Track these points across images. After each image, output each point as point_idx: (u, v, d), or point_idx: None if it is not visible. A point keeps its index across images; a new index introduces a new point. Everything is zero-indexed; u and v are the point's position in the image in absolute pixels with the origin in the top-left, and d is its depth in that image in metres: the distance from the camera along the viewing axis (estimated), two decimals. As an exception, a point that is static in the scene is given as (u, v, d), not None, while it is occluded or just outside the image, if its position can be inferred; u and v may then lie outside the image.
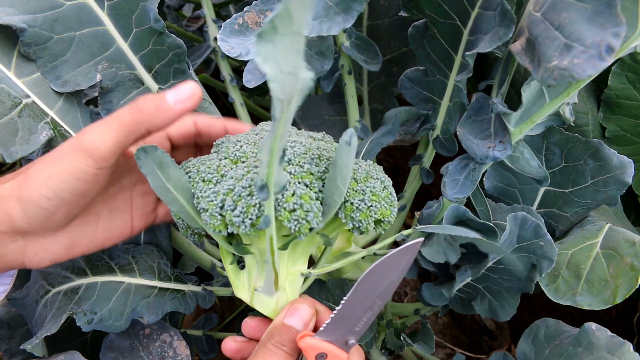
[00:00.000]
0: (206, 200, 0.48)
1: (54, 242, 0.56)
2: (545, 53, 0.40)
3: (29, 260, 0.55)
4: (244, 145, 0.54)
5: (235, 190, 0.47)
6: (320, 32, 0.54)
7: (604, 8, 0.36)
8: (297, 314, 0.52)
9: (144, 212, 0.62)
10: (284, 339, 0.51)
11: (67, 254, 0.58)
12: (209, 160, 0.54)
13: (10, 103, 0.60)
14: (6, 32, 0.62)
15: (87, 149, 0.50)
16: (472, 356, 0.98)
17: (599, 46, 0.35)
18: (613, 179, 0.65)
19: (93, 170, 0.50)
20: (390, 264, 0.49)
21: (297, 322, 0.52)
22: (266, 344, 0.51)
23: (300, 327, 0.51)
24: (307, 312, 0.53)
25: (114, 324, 0.62)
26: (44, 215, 0.52)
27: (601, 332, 0.57)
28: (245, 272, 0.55)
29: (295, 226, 0.47)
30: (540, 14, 0.42)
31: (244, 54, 0.72)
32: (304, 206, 0.47)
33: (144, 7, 0.68)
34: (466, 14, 0.53)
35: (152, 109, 0.50)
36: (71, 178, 0.50)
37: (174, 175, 0.48)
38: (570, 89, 0.49)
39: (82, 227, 0.58)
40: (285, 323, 0.52)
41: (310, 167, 0.50)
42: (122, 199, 0.61)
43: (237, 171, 0.50)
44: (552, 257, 0.56)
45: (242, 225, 0.47)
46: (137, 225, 0.62)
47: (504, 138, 0.53)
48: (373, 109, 0.84)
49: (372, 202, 0.52)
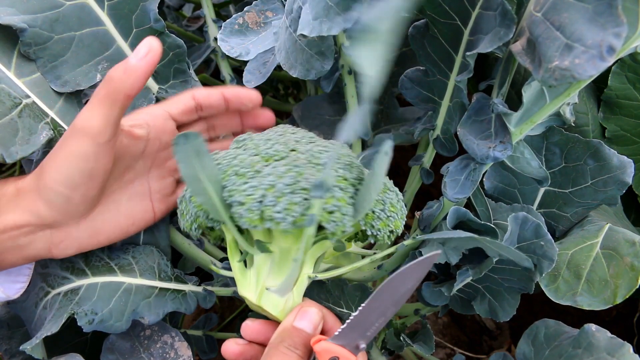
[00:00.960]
0: (243, 194, 0.49)
1: (77, 229, 0.59)
2: (546, 53, 0.40)
3: (55, 248, 0.59)
4: (275, 144, 0.55)
5: (277, 187, 0.48)
6: (320, 32, 0.54)
7: (604, 8, 0.36)
8: (308, 317, 0.52)
9: (162, 195, 0.65)
10: (296, 342, 0.51)
11: (92, 242, 0.61)
12: (238, 155, 0.54)
13: (11, 103, 0.60)
14: (6, 32, 0.62)
15: (80, 129, 0.53)
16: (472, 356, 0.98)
17: (600, 46, 0.35)
18: (613, 179, 0.65)
19: (92, 148, 0.53)
20: (409, 274, 0.50)
21: (307, 325, 0.52)
22: (278, 346, 0.51)
23: (311, 330, 0.52)
24: (317, 316, 0.53)
25: (114, 325, 0.62)
26: (62, 200, 0.56)
27: (601, 334, 0.57)
28: (253, 271, 0.55)
29: (332, 227, 0.49)
30: (541, 14, 0.42)
31: (244, 53, 0.72)
32: (342, 209, 0.49)
33: (144, 7, 0.68)
34: (467, 14, 0.53)
35: (120, 74, 0.52)
36: (75, 159, 0.54)
37: (208, 165, 0.48)
38: (571, 89, 0.49)
39: (104, 215, 0.61)
40: (296, 326, 0.52)
41: (345, 173, 0.52)
42: (139, 184, 0.64)
43: (278, 168, 0.50)
44: (552, 256, 0.56)
45: (283, 222, 0.47)
46: (159, 208, 0.65)
47: (504, 138, 0.53)
48: (373, 109, 0.84)
49: (391, 213, 0.54)
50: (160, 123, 0.63)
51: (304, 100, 0.88)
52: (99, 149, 0.54)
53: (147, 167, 0.64)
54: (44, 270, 0.66)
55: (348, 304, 0.64)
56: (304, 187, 0.48)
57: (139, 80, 0.53)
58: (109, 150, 0.55)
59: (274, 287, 0.53)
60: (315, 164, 0.52)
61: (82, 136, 0.53)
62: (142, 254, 0.67)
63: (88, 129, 0.53)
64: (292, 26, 0.60)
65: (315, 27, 0.55)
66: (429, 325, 0.73)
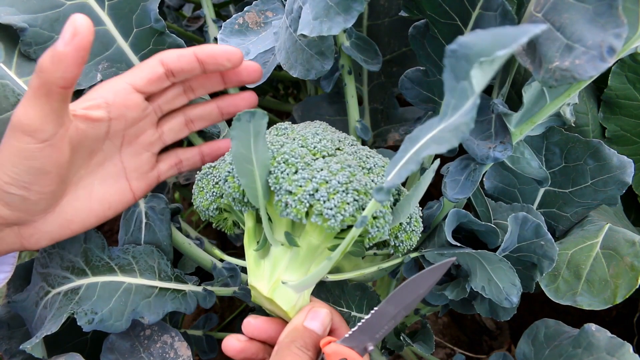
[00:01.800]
0: (294, 184, 0.48)
1: (45, 223, 0.56)
2: (547, 54, 0.40)
3: (27, 242, 0.57)
4: (323, 140, 0.55)
5: (332, 183, 0.48)
6: (320, 32, 0.54)
7: (605, 9, 0.36)
8: (319, 318, 0.52)
9: (140, 173, 0.62)
10: (307, 342, 0.50)
11: (66, 232, 0.58)
12: (285, 143, 0.54)
13: (14, 99, 0.60)
14: (7, 32, 0.62)
15: (17, 127, 0.49)
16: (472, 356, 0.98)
17: (601, 47, 0.35)
18: (613, 179, 0.65)
19: (35, 145, 0.49)
20: (423, 279, 0.49)
21: (318, 327, 0.51)
22: (290, 346, 0.50)
23: (321, 331, 0.51)
24: (327, 317, 0.52)
25: (114, 324, 0.62)
26: (18, 200, 0.52)
27: (601, 333, 0.57)
28: (269, 262, 0.54)
29: (374, 232, 0.49)
30: (541, 14, 0.42)
31: (244, 54, 0.72)
32: (386, 216, 0.50)
33: (145, 7, 0.68)
34: (467, 14, 0.53)
35: (48, 64, 0.46)
36: (20, 159, 0.50)
37: (262, 148, 0.47)
38: (571, 90, 0.49)
39: (73, 204, 0.58)
40: (307, 326, 0.51)
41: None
42: (112, 165, 0.60)
43: (331, 165, 0.50)
44: (552, 256, 0.56)
45: (331, 220, 0.47)
46: (138, 187, 0.62)
47: (504, 139, 0.53)
48: (373, 109, 0.84)
49: (415, 227, 0.55)
50: (121, 99, 0.58)
51: (304, 100, 0.88)
52: (43, 145, 0.50)
53: (117, 146, 0.60)
54: (44, 269, 0.66)
55: (348, 303, 0.64)
56: (356, 189, 0.48)
57: (70, 69, 0.47)
58: (57, 144, 0.51)
59: (292, 282, 0.53)
60: (363, 167, 0.52)
61: (20, 134, 0.49)
62: (142, 254, 0.67)
63: (25, 126, 0.48)
64: (292, 26, 0.60)
65: (316, 27, 0.55)
66: (429, 325, 0.73)
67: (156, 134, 0.64)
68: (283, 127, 0.59)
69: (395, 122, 0.84)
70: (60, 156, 0.52)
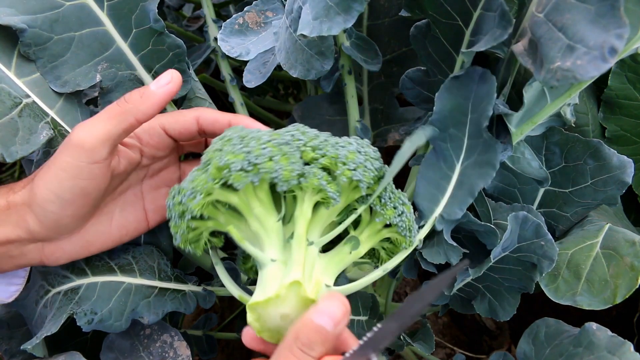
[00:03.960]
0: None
1: (69, 243, 0.58)
2: (548, 54, 0.40)
3: (46, 259, 0.58)
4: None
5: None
6: (320, 32, 0.54)
7: (607, 9, 0.36)
8: (328, 311, 0.45)
9: (157, 206, 0.64)
10: (312, 341, 0.44)
11: (84, 252, 0.60)
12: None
13: (11, 103, 0.60)
14: (6, 32, 0.62)
15: (76, 144, 0.51)
16: (472, 356, 0.98)
17: (602, 48, 0.35)
18: (613, 178, 0.65)
19: (86, 165, 0.52)
20: (430, 290, 0.47)
21: (327, 322, 0.44)
22: (292, 346, 0.44)
23: (331, 327, 0.44)
24: (340, 310, 0.45)
25: (114, 324, 0.62)
26: (53, 219, 0.54)
27: (602, 332, 0.57)
28: (309, 263, 0.51)
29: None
30: (543, 15, 0.42)
31: (244, 54, 0.72)
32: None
33: (144, 7, 0.67)
34: (468, 14, 0.53)
35: (137, 97, 0.53)
36: (67, 176, 0.52)
37: None
38: (572, 90, 0.49)
39: (97, 227, 0.60)
40: (314, 321, 0.44)
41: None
42: (133, 195, 0.63)
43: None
44: (552, 256, 0.56)
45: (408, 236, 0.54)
46: (153, 218, 0.64)
47: (504, 139, 0.53)
48: (373, 109, 0.84)
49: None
50: (155, 141, 0.61)
51: (304, 100, 0.88)
52: (95, 166, 0.52)
53: (141, 177, 0.63)
54: (44, 268, 0.66)
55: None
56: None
57: (153, 107, 0.53)
58: (105, 168, 0.54)
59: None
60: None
61: (76, 151, 0.51)
62: (142, 254, 0.67)
63: (83, 144, 0.51)
64: (292, 26, 0.60)
65: (316, 27, 0.55)
66: (429, 325, 0.73)
67: (178, 172, 0.66)
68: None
69: (395, 122, 0.84)
70: (103, 181, 0.55)
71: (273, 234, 0.50)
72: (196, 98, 0.75)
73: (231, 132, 0.53)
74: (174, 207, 0.52)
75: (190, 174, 0.51)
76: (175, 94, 0.55)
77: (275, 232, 0.50)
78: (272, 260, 0.49)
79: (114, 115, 0.52)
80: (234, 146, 0.49)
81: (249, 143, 0.49)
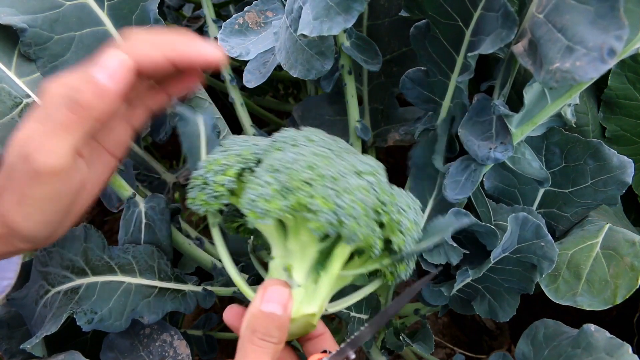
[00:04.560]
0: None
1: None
2: (548, 55, 0.40)
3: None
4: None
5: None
6: (321, 32, 0.54)
7: (606, 11, 0.36)
8: (274, 297, 0.46)
9: (117, 141, 0.55)
10: (269, 329, 0.46)
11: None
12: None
13: (11, 103, 0.60)
14: (7, 32, 0.62)
15: (48, 172, 0.45)
16: (472, 356, 0.98)
17: (601, 49, 0.35)
18: (613, 179, 0.65)
19: (63, 184, 0.47)
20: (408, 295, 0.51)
21: (276, 307, 0.46)
22: (252, 339, 0.46)
23: (281, 311, 0.46)
24: (284, 293, 0.47)
25: (114, 324, 0.62)
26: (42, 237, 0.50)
27: (600, 334, 0.57)
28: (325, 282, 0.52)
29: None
30: (543, 15, 0.42)
31: (244, 54, 0.72)
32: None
33: (144, 7, 0.68)
34: (468, 15, 0.53)
35: (90, 97, 0.44)
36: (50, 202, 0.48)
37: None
38: (572, 91, 0.49)
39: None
40: (264, 310, 0.46)
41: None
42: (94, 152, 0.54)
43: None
44: (552, 257, 0.56)
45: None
46: (119, 151, 0.56)
47: (505, 139, 0.53)
48: (373, 109, 0.84)
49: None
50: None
51: (304, 100, 0.88)
52: (69, 179, 0.47)
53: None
54: (44, 268, 0.66)
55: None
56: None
57: (113, 104, 0.45)
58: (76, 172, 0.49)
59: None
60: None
61: (50, 177, 0.45)
62: (142, 254, 0.67)
63: (55, 169, 0.45)
64: (293, 26, 0.60)
65: (316, 27, 0.55)
66: (429, 325, 0.73)
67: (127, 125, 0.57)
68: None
69: (395, 122, 0.84)
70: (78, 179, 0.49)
71: (307, 260, 0.50)
72: (196, 98, 0.75)
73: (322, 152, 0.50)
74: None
75: (258, 181, 0.48)
76: (133, 81, 0.46)
77: (309, 259, 0.50)
78: (299, 285, 0.50)
79: (72, 124, 0.44)
80: (326, 189, 0.46)
81: (343, 194, 0.46)
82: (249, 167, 0.51)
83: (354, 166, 0.50)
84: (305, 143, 0.51)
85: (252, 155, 0.51)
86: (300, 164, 0.47)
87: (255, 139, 0.55)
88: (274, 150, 0.51)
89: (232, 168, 0.50)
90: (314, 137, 0.53)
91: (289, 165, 0.47)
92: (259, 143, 0.54)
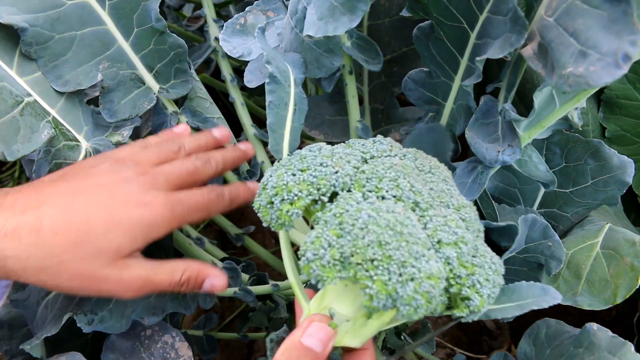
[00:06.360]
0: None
1: None
2: (560, 59, 0.40)
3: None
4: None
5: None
6: (326, 32, 0.54)
7: (619, 15, 0.36)
8: (317, 334, 0.46)
9: None
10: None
11: None
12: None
13: (12, 101, 0.60)
14: (8, 31, 0.62)
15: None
16: (472, 356, 0.98)
17: (616, 54, 0.35)
18: (613, 178, 0.66)
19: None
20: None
21: (316, 344, 0.45)
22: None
23: (320, 349, 0.45)
24: (328, 334, 0.46)
25: (114, 325, 0.62)
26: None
27: (602, 333, 0.57)
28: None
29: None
30: (553, 19, 0.42)
31: (246, 54, 0.72)
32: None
33: (145, 7, 0.67)
34: (474, 17, 0.53)
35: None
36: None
37: None
38: (581, 95, 0.49)
39: None
40: (303, 343, 0.45)
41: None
42: None
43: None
44: (560, 257, 0.56)
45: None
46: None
47: (512, 142, 0.53)
48: (373, 109, 0.84)
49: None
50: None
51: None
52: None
53: None
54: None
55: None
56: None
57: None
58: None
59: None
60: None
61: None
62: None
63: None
64: (298, 26, 0.60)
65: (321, 27, 0.55)
66: (430, 325, 0.73)
67: None
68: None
69: (395, 122, 0.84)
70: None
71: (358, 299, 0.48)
72: (197, 98, 0.75)
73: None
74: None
75: (321, 237, 0.45)
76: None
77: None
78: (347, 320, 0.48)
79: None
80: (390, 274, 0.43)
81: (408, 282, 0.43)
82: (321, 199, 0.48)
83: (435, 232, 0.47)
84: (391, 193, 0.48)
85: (327, 187, 0.48)
86: (370, 237, 0.43)
87: (339, 157, 0.52)
88: (355, 189, 0.48)
89: (301, 200, 0.47)
90: (404, 183, 0.49)
91: (358, 231, 0.44)
92: (340, 169, 0.50)
